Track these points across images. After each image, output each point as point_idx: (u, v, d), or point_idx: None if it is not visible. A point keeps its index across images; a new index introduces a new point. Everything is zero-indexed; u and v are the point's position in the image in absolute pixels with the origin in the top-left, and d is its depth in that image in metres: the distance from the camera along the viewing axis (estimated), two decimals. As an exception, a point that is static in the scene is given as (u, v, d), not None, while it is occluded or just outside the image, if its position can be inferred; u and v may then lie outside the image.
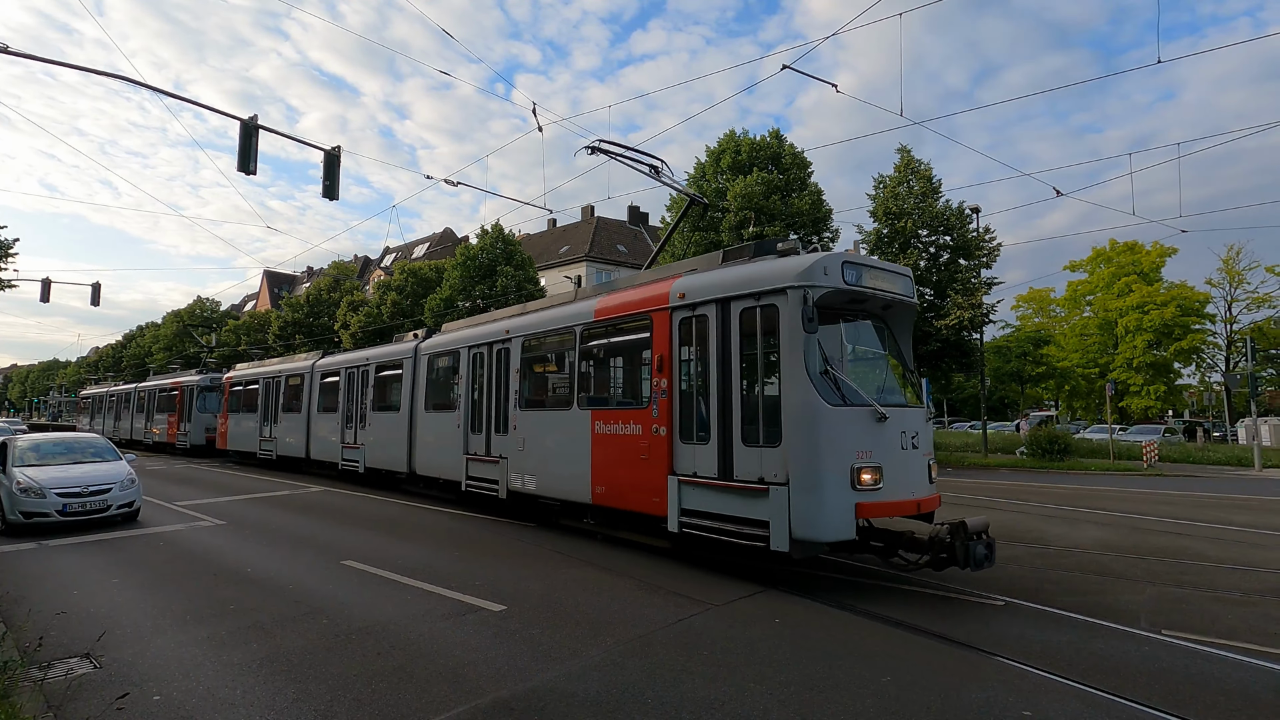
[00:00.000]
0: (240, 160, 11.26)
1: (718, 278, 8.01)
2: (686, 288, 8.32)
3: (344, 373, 17.69)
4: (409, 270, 37.91)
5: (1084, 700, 4.40)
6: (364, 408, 16.55)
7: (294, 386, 20.25)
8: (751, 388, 7.69)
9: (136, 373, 64.34)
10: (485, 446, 12.07)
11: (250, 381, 23.19)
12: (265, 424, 21.65)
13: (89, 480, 10.95)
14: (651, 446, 8.40)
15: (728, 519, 7.35)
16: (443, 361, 14.04)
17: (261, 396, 21.96)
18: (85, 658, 5.13)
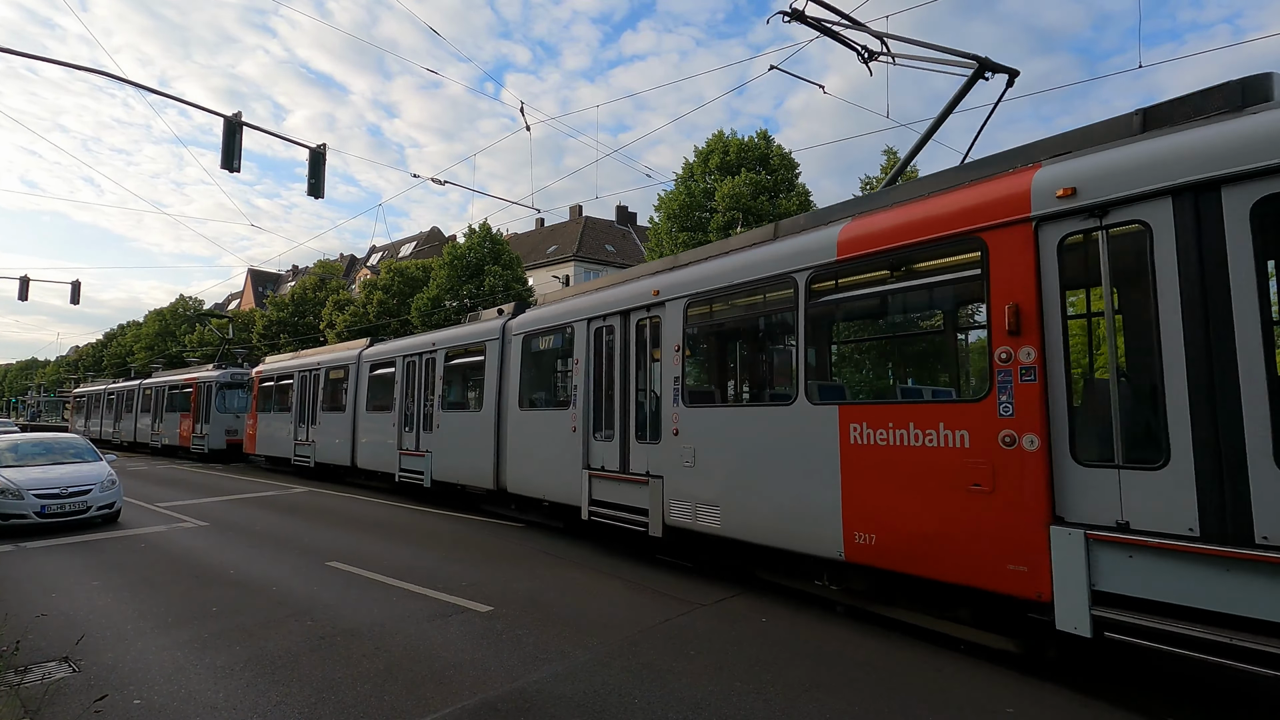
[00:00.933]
0: (224, 157, 11.15)
1: (1162, 147, 4.41)
2: (1074, 176, 4.67)
3: (401, 362, 14.57)
4: (395, 269, 37.67)
5: (1067, 700, 4.45)
6: (429, 405, 13.39)
7: (336, 381, 17.25)
8: None
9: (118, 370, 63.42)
10: (621, 459, 8.63)
11: (284, 376, 19.71)
12: (301, 425, 18.55)
13: (68, 481, 10.79)
14: (999, 471, 4.82)
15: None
16: (544, 343, 10.81)
17: (296, 393, 18.82)
18: (64, 661, 5.05)
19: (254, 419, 21.55)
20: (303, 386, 18.77)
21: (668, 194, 27.58)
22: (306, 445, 18.20)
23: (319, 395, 17.85)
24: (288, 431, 19.14)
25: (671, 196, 27.27)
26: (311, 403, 18.17)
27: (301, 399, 18.72)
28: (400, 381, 14.48)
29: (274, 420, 20.28)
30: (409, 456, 13.90)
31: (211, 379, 24.94)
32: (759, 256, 7.01)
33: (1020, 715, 4.18)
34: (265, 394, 21.10)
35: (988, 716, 4.17)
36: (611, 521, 8.45)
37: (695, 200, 26.75)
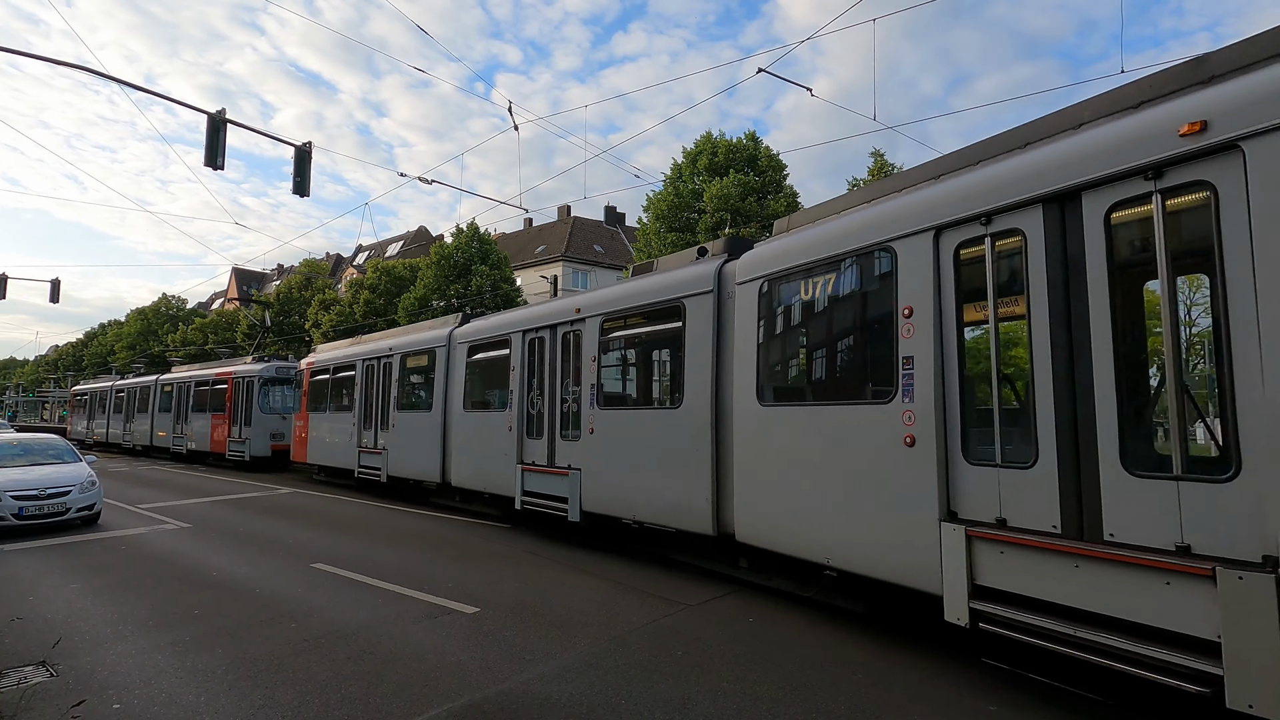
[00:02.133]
0: (208, 155, 11.03)
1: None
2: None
3: (521, 340, 10.40)
4: (383, 269, 37.43)
5: (1052, 699, 4.49)
6: (578, 399, 9.14)
7: (417, 370, 13.49)
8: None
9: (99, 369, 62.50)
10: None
11: (343, 366, 16.10)
12: (367, 429, 14.72)
13: (46, 482, 10.61)
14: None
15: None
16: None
17: (360, 387, 15.10)
18: (40, 665, 4.97)
19: (304, 420, 17.80)
20: (368, 379, 14.96)
21: (656, 195, 27.62)
22: (375, 454, 14.23)
23: (393, 390, 13.92)
24: (348, 436, 15.33)
25: (660, 197, 27.31)
26: (383, 400, 14.29)
27: (367, 395, 14.92)
28: (521, 366, 10.45)
29: (330, 422, 16.44)
30: (541, 475, 9.78)
31: (253, 373, 21.04)
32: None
33: (1001, 715, 4.22)
34: (318, 390, 17.23)
35: (973, 714, 4.20)
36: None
37: (684, 201, 26.80)
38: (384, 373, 14.29)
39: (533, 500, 9.71)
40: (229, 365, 23.56)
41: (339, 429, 15.89)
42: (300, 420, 18.18)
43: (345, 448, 15.38)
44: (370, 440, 14.55)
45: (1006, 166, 4.76)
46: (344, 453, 15.48)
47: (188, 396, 24.82)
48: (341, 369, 16.22)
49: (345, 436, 15.44)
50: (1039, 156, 4.53)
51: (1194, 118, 3.71)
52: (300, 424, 18.12)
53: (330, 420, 16.47)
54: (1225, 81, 3.79)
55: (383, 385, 14.27)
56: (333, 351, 17.46)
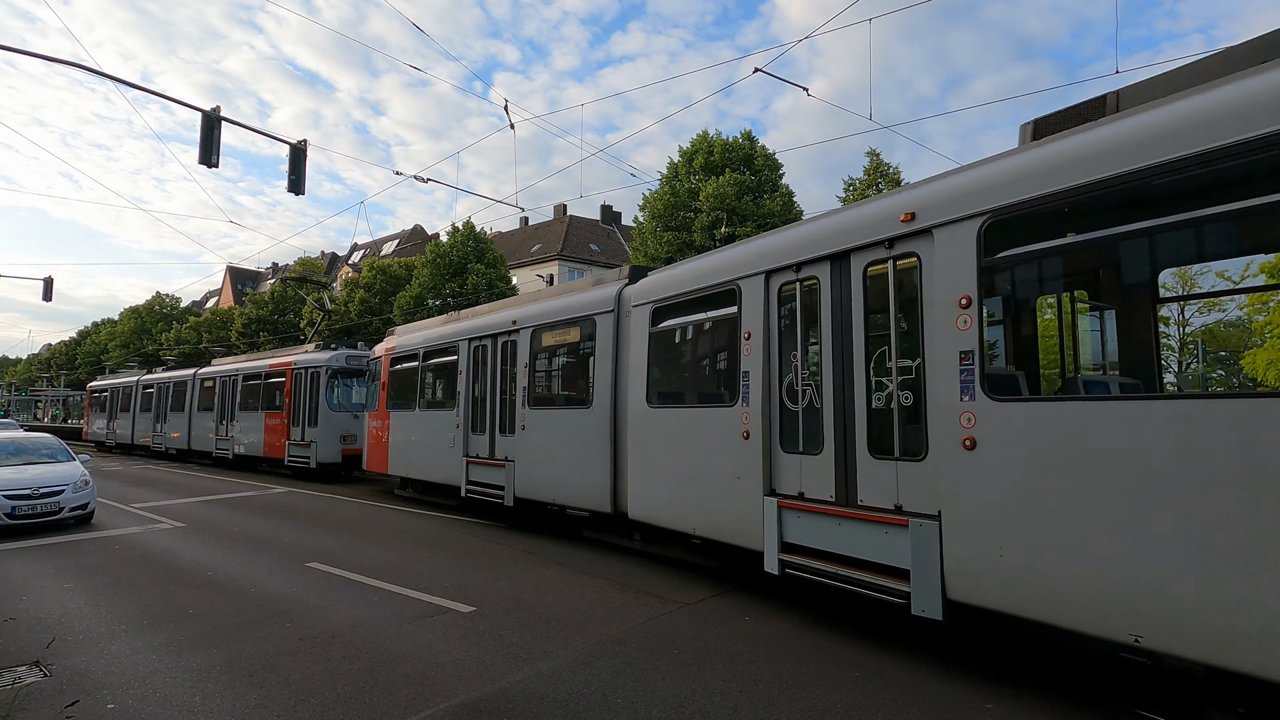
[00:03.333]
0: (202, 152, 10.98)
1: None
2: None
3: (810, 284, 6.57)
4: (378, 268, 37.34)
5: (1043, 697, 4.51)
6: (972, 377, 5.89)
7: (564, 348, 10.14)
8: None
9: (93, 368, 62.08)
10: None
11: (439, 350, 12.51)
12: (478, 432, 11.26)
13: (40, 482, 10.56)
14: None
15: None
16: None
17: (468, 376, 11.54)
18: (34, 665, 4.94)
19: (382, 420, 14.10)
20: (479, 365, 11.46)
21: (652, 194, 27.62)
22: (493, 467, 10.64)
23: (518, 377, 10.43)
24: (449, 441, 11.76)
25: (656, 196, 27.31)
26: (500, 392, 10.87)
27: (479, 386, 11.40)
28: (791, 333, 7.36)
29: (421, 424, 12.86)
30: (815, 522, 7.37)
31: (318, 363, 17.73)
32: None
33: (998, 713, 4.24)
34: (402, 382, 13.79)
35: (969, 712, 4.21)
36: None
37: (680, 200, 26.80)
38: (504, 355, 10.87)
39: None
40: (287, 354, 19.93)
41: (435, 432, 12.23)
42: (377, 420, 14.34)
43: (445, 457, 11.82)
44: (484, 448, 11.11)
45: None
46: (443, 464, 11.86)
47: (234, 392, 21.13)
48: (436, 353, 12.72)
49: (444, 442, 11.84)
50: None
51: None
52: (377, 425, 14.31)
53: (421, 421, 12.85)
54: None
55: (502, 372, 10.84)
56: (421, 332, 13.79)
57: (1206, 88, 3.92)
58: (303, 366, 18.22)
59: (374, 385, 15.06)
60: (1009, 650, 5.19)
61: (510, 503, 10.24)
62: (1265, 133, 3.50)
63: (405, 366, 13.83)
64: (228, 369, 22.12)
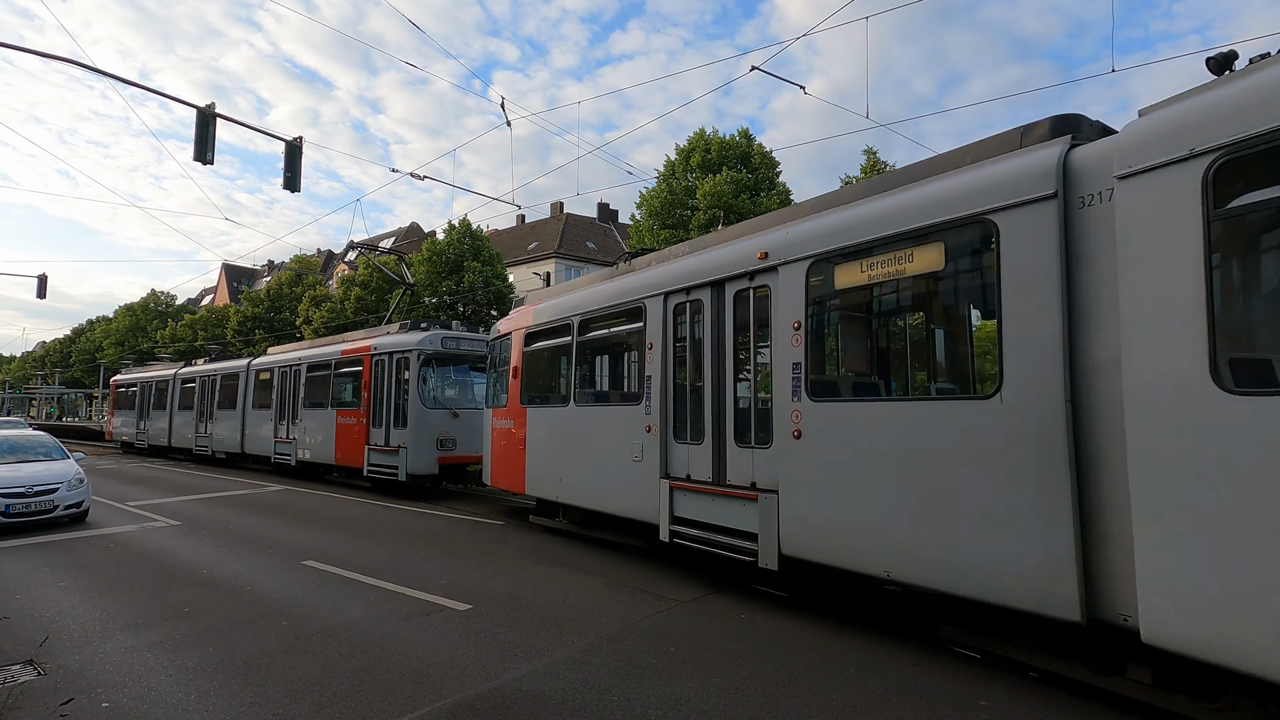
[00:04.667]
0: (197, 150, 10.94)
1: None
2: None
3: None
4: (374, 265, 37.25)
5: (1038, 693, 4.52)
6: None
7: (894, 290, 6.07)
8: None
9: (87, 367, 61.81)
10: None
11: (614, 314, 8.90)
12: (689, 435, 7.43)
13: (34, 480, 10.52)
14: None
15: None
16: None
17: (663, 348, 7.82)
18: (28, 664, 4.92)
19: (514, 419, 10.50)
20: (678, 330, 7.83)
21: (649, 191, 27.59)
22: (730, 501, 6.73)
23: (779, 348, 6.34)
24: (633, 452, 8.04)
25: (653, 194, 27.28)
26: (724, 373, 7.06)
27: (688, 364, 7.66)
28: None
29: (578, 425, 9.23)
30: None
31: (407, 347, 14.03)
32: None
33: (993, 709, 4.25)
34: (544, 365, 10.54)
35: (964, 710, 4.22)
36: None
37: (677, 198, 26.78)
38: (739, 315, 6.92)
39: None
40: (363, 336, 16.43)
41: (604, 439, 8.59)
42: (506, 419, 10.77)
43: (625, 476, 8.12)
44: (702, 465, 7.13)
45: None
46: (622, 486, 8.17)
47: (296, 385, 17.63)
48: (603, 320, 9.06)
49: (622, 454, 8.15)
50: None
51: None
52: (507, 426, 10.71)
53: (578, 421, 9.19)
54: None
55: (738, 342, 6.97)
56: (572, 294, 9.93)
57: None
58: (385, 352, 14.48)
59: (498, 373, 11.45)
60: (1008, 650, 5.20)
61: (771, 564, 6.08)
62: None
63: (549, 344, 10.08)
64: (288, 358, 18.53)
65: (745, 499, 6.50)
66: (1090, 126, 4.89)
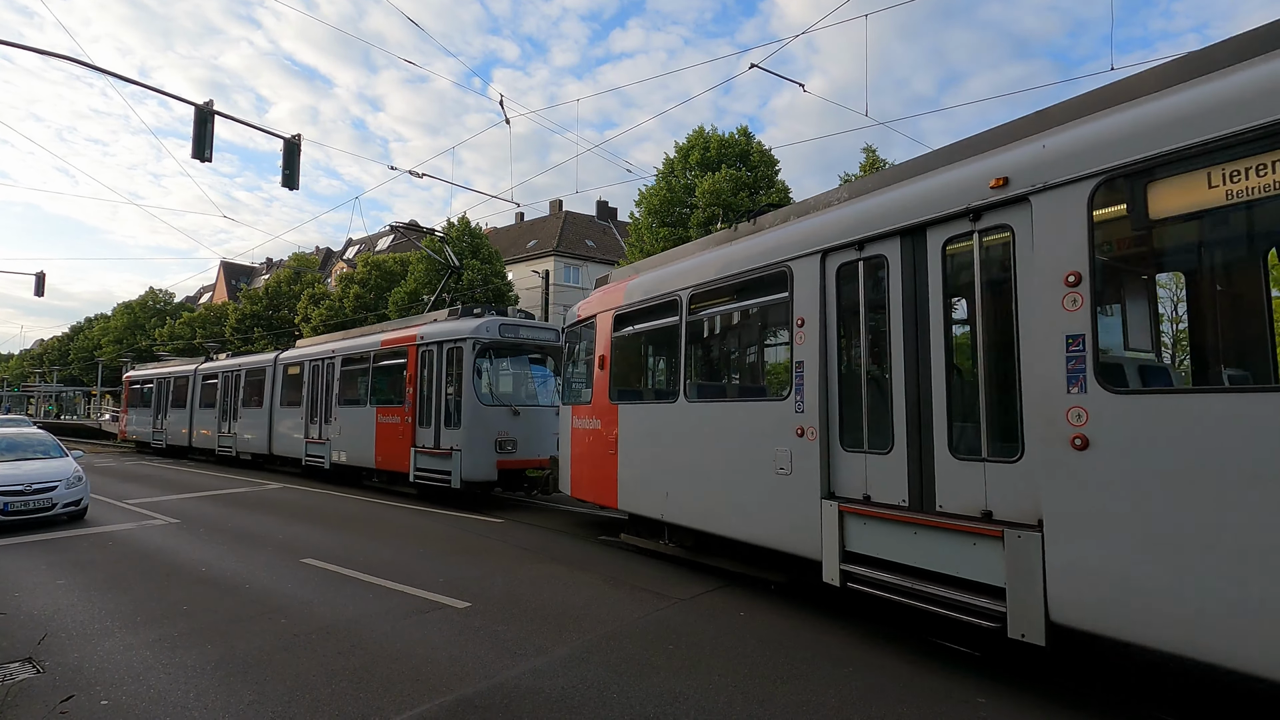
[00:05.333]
0: (195, 147, 10.92)
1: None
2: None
3: None
4: (373, 263, 37.26)
5: (1033, 687, 4.53)
6: None
7: None
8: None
9: (85, 365, 61.62)
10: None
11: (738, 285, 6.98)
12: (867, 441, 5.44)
13: (32, 478, 10.51)
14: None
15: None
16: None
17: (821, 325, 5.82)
18: (27, 662, 4.92)
19: (601, 418, 8.77)
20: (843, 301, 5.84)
21: (648, 189, 27.58)
22: (957, 538, 4.68)
23: (1043, 311, 4.29)
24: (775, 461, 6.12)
25: (652, 192, 27.27)
26: (940, 355, 5.00)
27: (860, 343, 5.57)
28: None
29: (688, 425, 7.35)
30: None
31: (459, 335, 12.37)
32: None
33: (991, 706, 4.26)
34: (640, 351, 9.20)
35: (962, 707, 4.23)
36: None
37: (676, 196, 26.76)
38: (952, 273, 5.09)
39: None
40: (406, 325, 14.68)
41: (732, 441, 6.73)
42: (591, 418, 8.96)
43: (761, 490, 6.27)
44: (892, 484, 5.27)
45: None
46: (758, 503, 6.34)
47: (330, 381, 16.15)
48: (722, 294, 7.29)
49: (757, 464, 6.31)
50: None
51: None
52: (591, 427, 8.93)
53: (689, 420, 7.30)
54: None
55: (991, 307, 4.82)
56: (674, 264, 8.04)
57: None
58: (433, 341, 12.79)
59: (578, 364, 10.00)
60: (1004, 646, 5.21)
61: (1034, 635, 4.14)
62: None
63: (648, 327, 8.44)
64: (320, 350, 16.97)
65: (977, 535, 4.49)
66: None
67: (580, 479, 9.46)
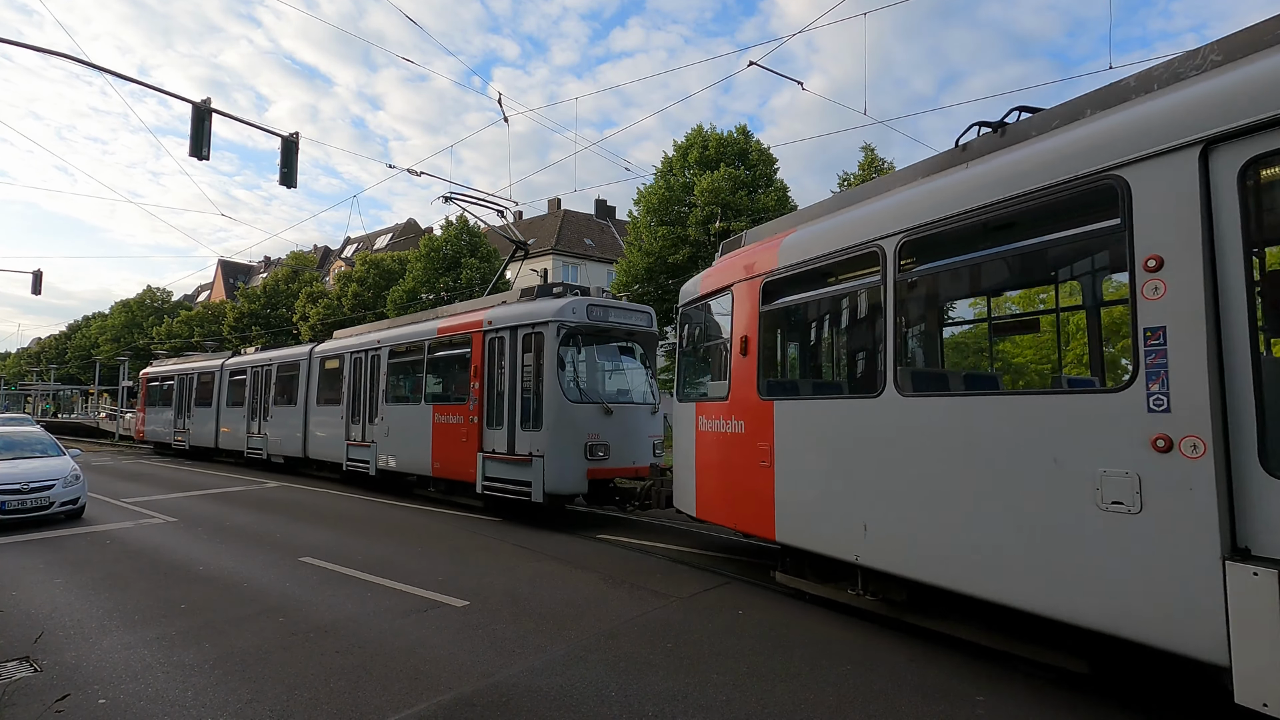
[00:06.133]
0: (193, 145, 10.89)
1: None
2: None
3: None
4: (371, 261, 37.21)
5: (1031, 684, 4.54)
6: None
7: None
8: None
9: (83, 363, 61.40)
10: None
11: (962, 224, 4.79)
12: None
13: (29, 477, 10.48)
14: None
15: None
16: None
17: (1203, 293, 3.46)
18: (24, 661, 4.91)
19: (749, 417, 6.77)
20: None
21: (647, 188, 27.56)
22: None
23: None
24: (1133, 491, 3.69)
25: (651, 190, 27.26)
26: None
27: None
28: None
29: (903, 428, 5.15)
30: None
31: (538, 318, 10.51)
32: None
33: (989, 703, 4.26)
34: (808, 325, 7.43)
35: (960, 704, 4.24)
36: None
37: (674, 195, 26.75)
38: None
39: None
40: (470, 309, 12.64)
41: (993, 458, 4.50)
42: (730, 420, 7.04)
43: (1062, 532, 4.03)
44: None
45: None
46: (1052, 553, 4.08)
47: (374, 375, 14.50)
48: (964, 234, 4.97)
49: (1050, 486, 4.10)
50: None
51: None
52: (731, 430, 7.02)
53: (908, 422, 5.16)
54: None
55: None
56: (863, 207, 6.01)
57: None
58: (506, 326, 10.83)
59: (701, 350, 8.32)
60: (1001, 645, 5.22)
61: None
62: None
63: (821, 293, 6.70)
64: (362, 341, 15.27)
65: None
66: None
67: (710, 496, 7.33)
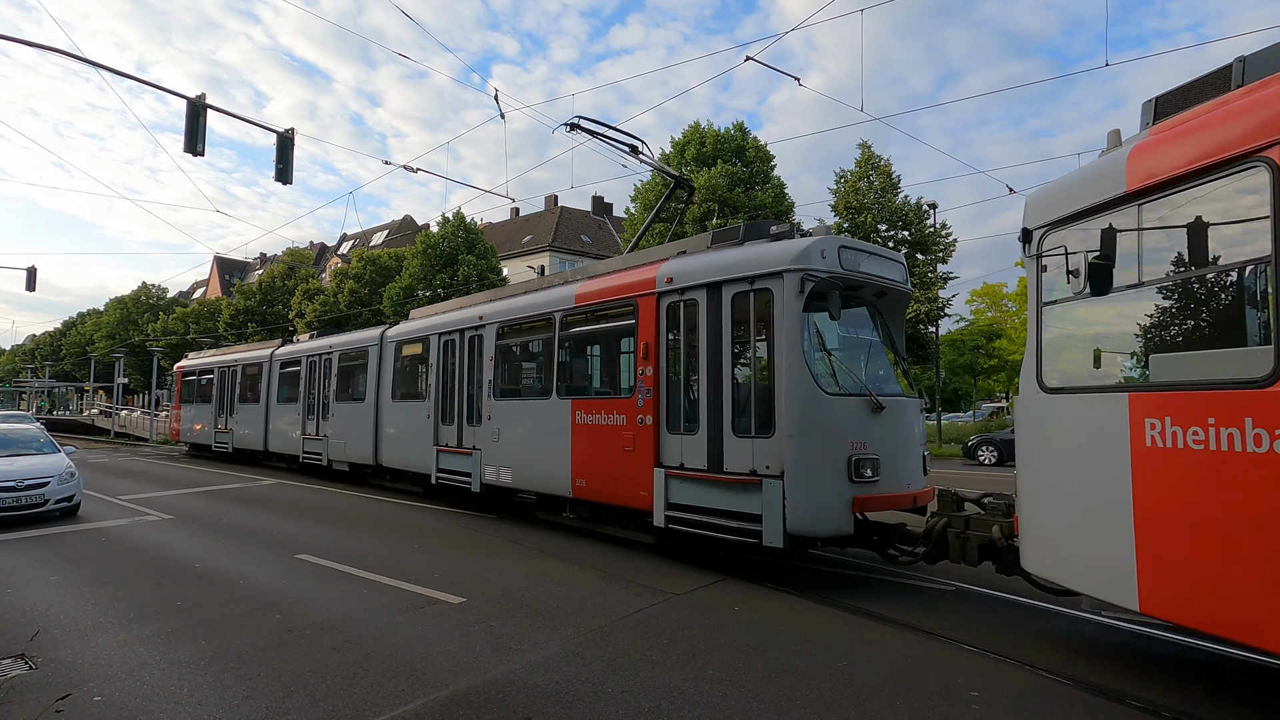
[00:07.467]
0: (187, 140, 10.84)
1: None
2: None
3: None
4: (368, 258, 37.10)
5: (1028, 681, 4.56)
6: None
7: None
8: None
9: (78, 360, 61.09)
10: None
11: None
12: None
13: (24, 473, 10.45)
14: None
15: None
16: None
17: None
18: (19, 658, 4.90)
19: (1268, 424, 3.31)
20: None
21: (644, 185, 27.51)
22: None
23: None
24: None
25: (648, 187, 27.20)
26: None
27: None
28: None
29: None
30: None
31: (767, 266, 6.88)
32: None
33: (983, 700, 4.28)
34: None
35: (954, 701, 4.26)
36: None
37: (677, 191, 26.67)
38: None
39: None
40: (627, 263, 9.12)
41: None
42: (1223, 424, 3.54)
43: None
44: None
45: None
46: None
47: (474, 362, 11.15)
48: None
49: None
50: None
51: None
52: (1224, 442, 3.53)
53: None
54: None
55: None
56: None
57: None
58: (701, 283, 7.52)
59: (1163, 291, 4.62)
60: (999, 644, 5.24)
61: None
62: None
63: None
64: (457, 318, 11.67)
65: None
66: None
67: (1169, 574, 3.98)
